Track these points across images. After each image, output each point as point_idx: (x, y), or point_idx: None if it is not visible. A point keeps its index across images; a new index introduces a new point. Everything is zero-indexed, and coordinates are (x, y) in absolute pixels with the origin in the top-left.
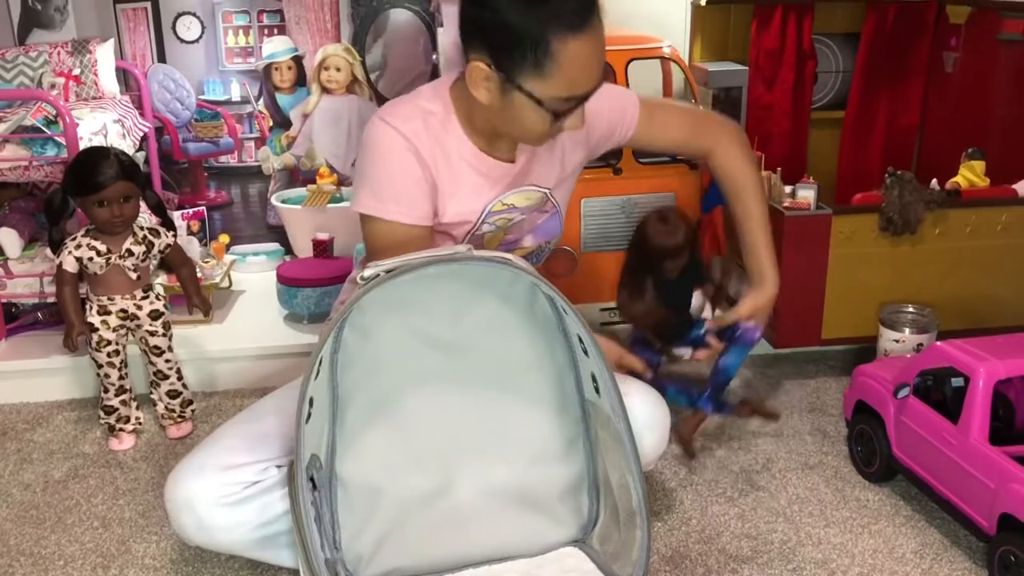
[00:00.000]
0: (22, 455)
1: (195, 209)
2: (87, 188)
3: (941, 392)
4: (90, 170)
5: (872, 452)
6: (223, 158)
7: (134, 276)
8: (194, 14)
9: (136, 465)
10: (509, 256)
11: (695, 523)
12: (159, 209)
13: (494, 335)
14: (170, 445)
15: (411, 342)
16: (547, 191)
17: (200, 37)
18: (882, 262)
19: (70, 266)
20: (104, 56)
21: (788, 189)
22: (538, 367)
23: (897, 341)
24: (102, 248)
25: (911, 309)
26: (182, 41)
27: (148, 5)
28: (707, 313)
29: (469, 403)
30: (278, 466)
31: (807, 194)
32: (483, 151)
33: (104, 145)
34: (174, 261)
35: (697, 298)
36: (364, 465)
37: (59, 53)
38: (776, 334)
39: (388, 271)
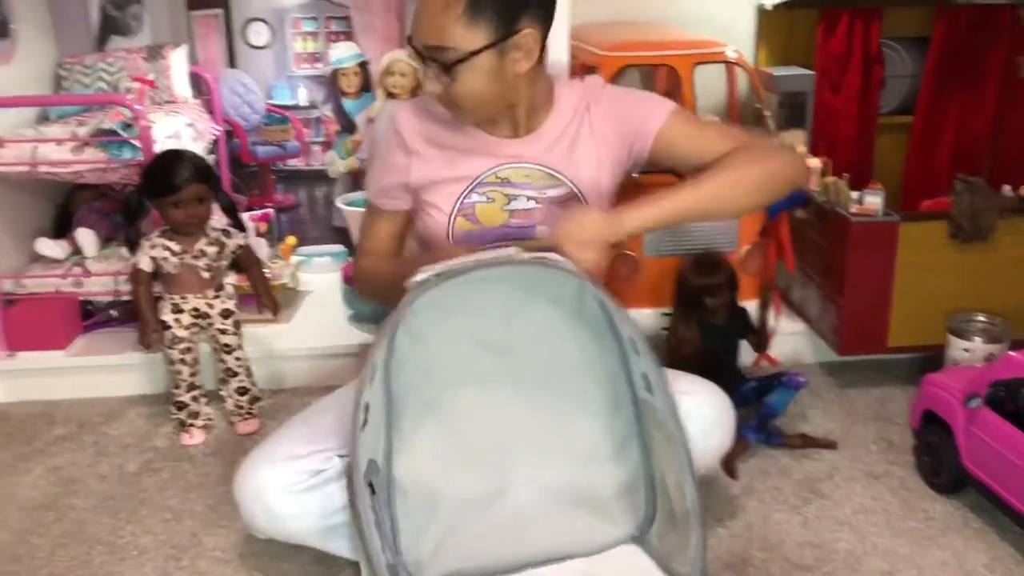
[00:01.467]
0: (98, 447)
1: (263, 211)
2: (163, 190)
3: (1014, 403)
4: (166, 172)
5: (940, 463)
6: (290, 161)
7: (207, 276)
8: (264, 20)
9: (206, 460)
10: (557, 257)
11: (757, 530)
12: (231, 211)
13: (544, 336)
14: (238, 441)
15: (463, 345)
16: (563, 177)
17: (270, 43)
18: (951, 270)
19: (146, 265)
20: (178, 62)
21: (855, 195)
22: (589, 367)
23: (966, 350)
24: (176, 248)
25: (981, 318)
26: (252, 47)
27: (220, 12)
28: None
29: (522, 404)
30: (340, 456)
31: (874, 200)
32: (478, 126)
33: (180, 148)
34: (245, 262)
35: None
36: (420, 468)
37: (135, 59)
38: (841, 341)
39: (438, 275)
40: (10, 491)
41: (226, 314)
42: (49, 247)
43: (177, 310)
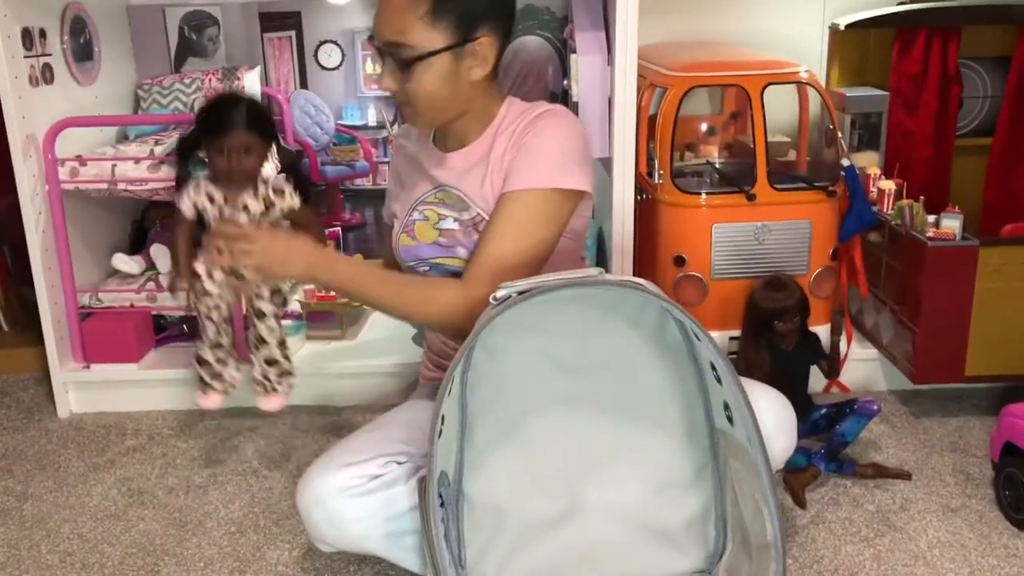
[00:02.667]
0: (167, 460)
1: (331, 229)
2: (210, 132)
3: None
4: (216, 114)
5: (1022, 498)
6: (358, 181)
7: None
8: (335, 42)
9: (271, 475)
10: (641, 280)
11: (828, 562)
12: (292, 169)
13: (622, 359)
14: (301, 457)
15: (539, 364)
16: (472, 203)
17: (340, 64)
18: None
19: (186, 209)
20: (251, 82)
21: (932, 219)
22: (666, 393)
23: None
24: (218, 197)
25: None
26: (323, 68)
27: (292, 34)
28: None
29: (595, 427)
30: (398, 462)
31: (952, 224)
32: (432, 140)
33: (241, 93)
34: (302, 226)
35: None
36: (490, 485)
37: (210, 80)
38: (916, 369)
39: (520, 292)
40: (82, 500)
41: None
42: (125, 262)
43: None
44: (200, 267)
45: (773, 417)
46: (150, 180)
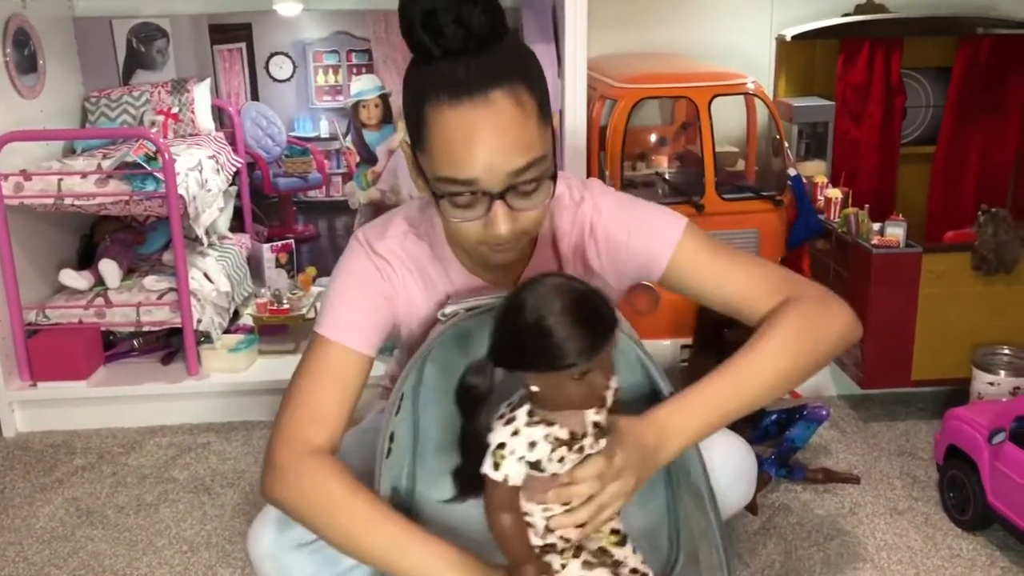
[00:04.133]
0: (117, 478)
1: (284, 242)
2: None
3: None
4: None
5: (966, 499)
6: (311, 193)
7: None
8: (286, 54)
9: (223, 492)
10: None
11: (778, 567)
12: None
13: None
14: (254, 474)
15: None
16: None
17: (292, 76)
18: (975, 302)
19: (514, 475)
20: (201, 95)
21: (876, 226)
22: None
23: (991, 384)
24: (558, 433)
25: (1007, 351)
26: (274, 80)
27: (243, 46)
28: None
29: None
30: None
31: (896, 231)
32: (473, 272)
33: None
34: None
35: None
36: (443, 503)
37: (159, 92)
38: (864, 374)
39: (468, 309)
40: (29, 522)
41: None
42: (72, 278)
43: None
44: (554, 559)
45: (734, 464)
46: (98, 195)
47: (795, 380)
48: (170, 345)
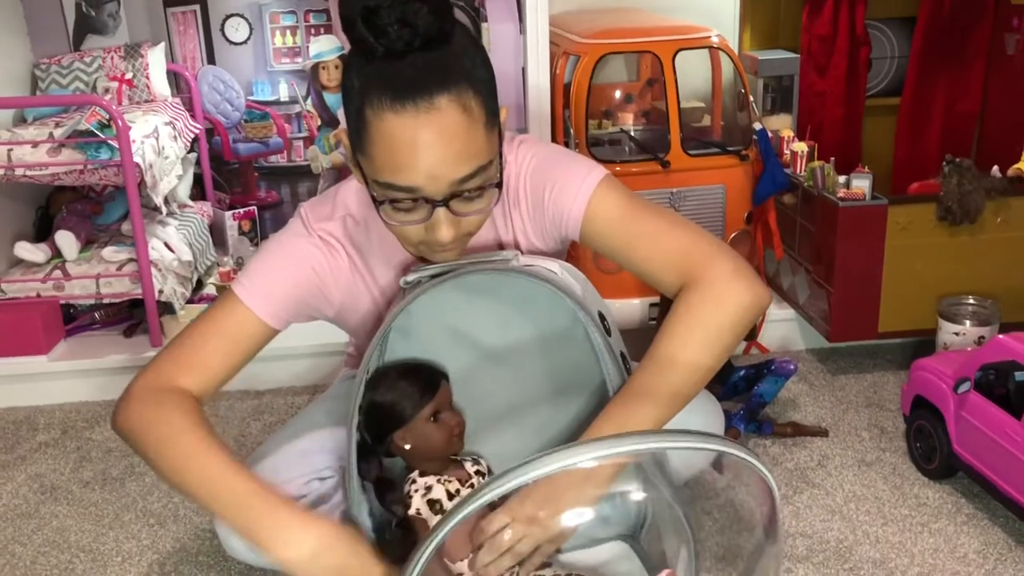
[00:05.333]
0: (81, 453)
1: (246, 209)
2: (399, 413)
3: (1004, 387)
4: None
5: (932, 449)
6: (273, 158)
7: None
8: (242, 16)
9: None
10: (555, 270)
11: (747, 521)
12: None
13: (537, 346)
14: None
15: (457, 345)
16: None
17: (248, 38)
18: (940, 253)
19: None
20: (155, 59)
21: (842, 179)
22: (584, 374)
23: (957, 334)
24: (450, 487)
25: (971, 301)
26: (231, 43)
27: (197, 8)
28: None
29: (513, 414)
30: (321, 479)
31: (862, 184)
32: (421, 259)
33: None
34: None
35: None
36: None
37: (112, 58)
38: (831, 327)
39: (431, 276)
40: None
41: None
42: (28, 251)
43: None
44: None
45: (701, 421)
46: (50, 164)
47: (707, 368)
48: (132, 317)
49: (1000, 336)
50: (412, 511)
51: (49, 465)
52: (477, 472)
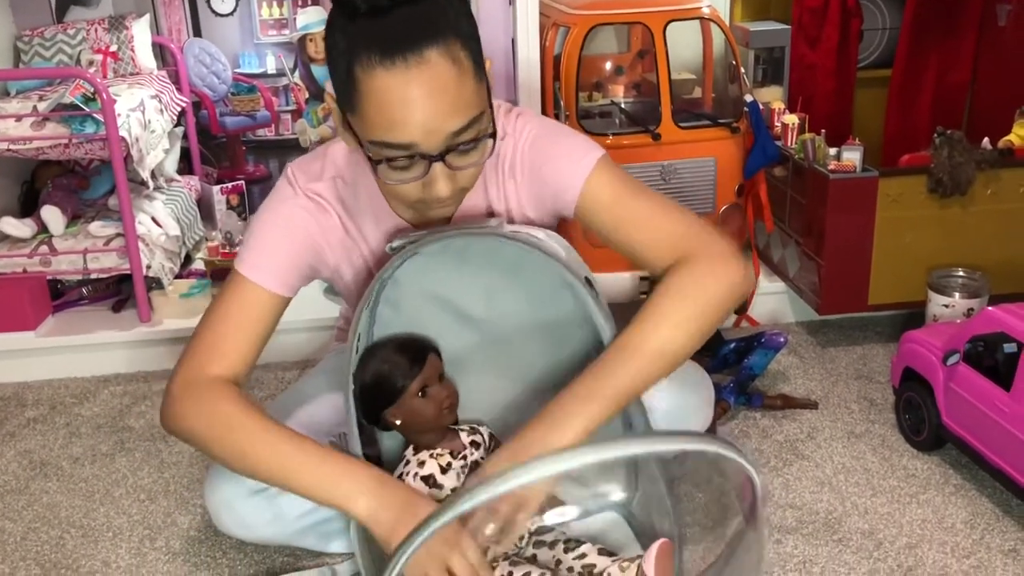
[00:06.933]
0: (70, 429)
1: (234, 183)
2: (392, 386)
3: (993, 358)
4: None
5: (920, 420)
6: (260, 131)
7: None
8: None
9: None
10: (540, 236)
11: (736, 493)
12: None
13: (525, 313)
14: None
15: (444, 315)
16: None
17: (234, 10)
18: (931, 225)
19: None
20: (140, 32)
21: (833, 151)
22: (574, 343)
23: (947, 306)
24: (443, 461)
25: (961, 273)
26: (216, 14)
27: None
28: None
29: (501, 382)
30: None
31: (852, 156)
32: (403, 217)
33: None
34: None
35: None
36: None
37: (96, 30)
38: (821, 300)
39: (415, 241)
40: None
41: None
42: (14, 226)
43: None
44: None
45: (692, 393)
46: (34, 138)
47: (685, 347)
48: (120, 292)
49: (989, 308)
50: None
51: (38, 441)
52: (472, 442)
